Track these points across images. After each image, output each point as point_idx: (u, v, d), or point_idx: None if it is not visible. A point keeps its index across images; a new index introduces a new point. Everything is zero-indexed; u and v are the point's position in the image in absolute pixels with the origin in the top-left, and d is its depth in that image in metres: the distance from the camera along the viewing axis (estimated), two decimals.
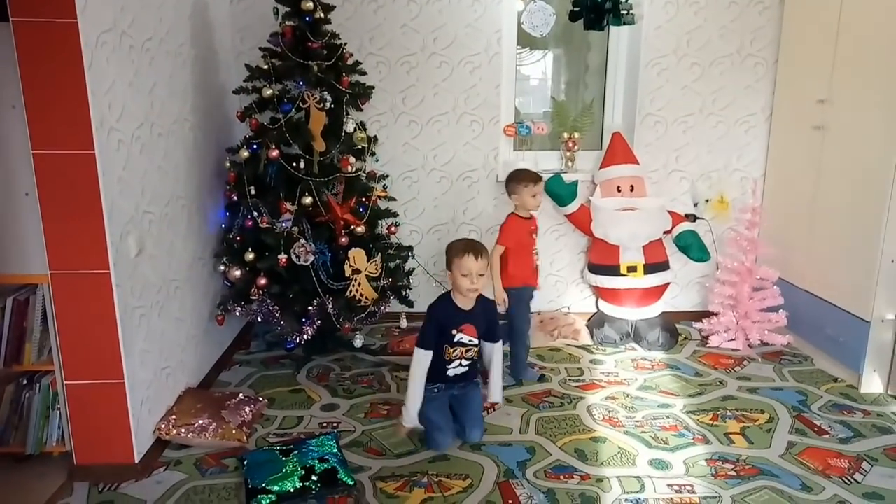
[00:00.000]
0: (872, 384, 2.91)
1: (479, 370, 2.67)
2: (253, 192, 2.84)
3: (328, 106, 2.84)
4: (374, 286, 2.95)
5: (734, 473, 2.32)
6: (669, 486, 2.25)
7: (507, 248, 2.98)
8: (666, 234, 3.48)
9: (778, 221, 3.50)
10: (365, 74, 3.14)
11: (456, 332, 2.44)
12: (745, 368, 3.20)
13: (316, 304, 2.83)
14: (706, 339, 3.53)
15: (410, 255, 3.33)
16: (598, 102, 3.82)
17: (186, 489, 2.23)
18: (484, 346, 2.59)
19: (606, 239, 3.42)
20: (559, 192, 3.46)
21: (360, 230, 2.93)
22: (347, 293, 2.88)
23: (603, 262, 3.49)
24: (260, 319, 2.94)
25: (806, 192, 3.27)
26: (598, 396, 2.91)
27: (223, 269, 2.96)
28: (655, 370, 3.19)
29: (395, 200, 3.38)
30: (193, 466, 2.36)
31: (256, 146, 2.85)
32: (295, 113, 2.80)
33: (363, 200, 3.04)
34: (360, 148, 3.02)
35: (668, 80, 3.56)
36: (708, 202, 3.69)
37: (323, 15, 2.89)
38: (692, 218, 3.60)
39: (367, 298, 2.92)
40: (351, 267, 2.87)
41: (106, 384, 2.20)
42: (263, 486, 2.16)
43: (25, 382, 2.29)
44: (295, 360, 3.25)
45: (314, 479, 2.20)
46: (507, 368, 2.97)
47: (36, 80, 1.97)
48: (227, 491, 2.22)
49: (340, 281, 2.88)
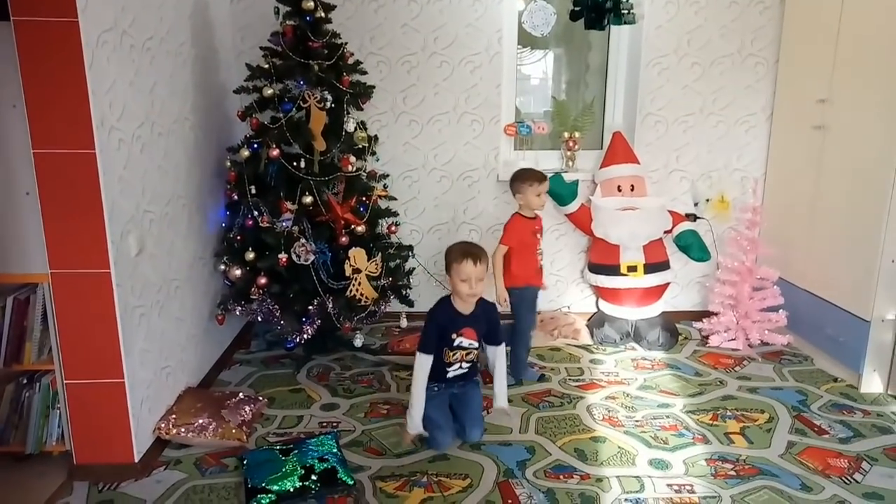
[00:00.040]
0: (872, 384, 2.91)
1: (479, 369, 2.67)
2: (253, 191, 2.85)
3: (329, 105, 2.84)
4: (374, 286, 2.95)
5: (734, 473, 2.32)
6: (669, 485, 2.25)
7: (510, 247, 2.98)
8: (666, 233, 3.48)
9: (778, 221, 3.50)
10: (365, 74, 3.14)
11: (456, 335, 2.43)
12: (745, 368, 3.20)
13: (316, 303, 2.83)
14: (706, 338, 3.53)
15: (411, 254, 3.33)
16: (598, 102, 3.82)
17: (186, 489, 2.23)
18: (487, 349, 2.58)
19: (607, 238, 3.42)
20: (560, 191, 3.46)
21: (360, 229, 2.93)
22: (348, 293, 2.88)
23: (603, 261, 3.49)
24: (260, 319, 2.95)
25: (806, 191, 3.27)
26: (598, 396, 2.91)
27: (223, 268, 2.96)
28: (655, 370, 3.19)
29: (395, 200, 3.39)
30: (193, 466, 2.36)
31: (257, 145, 2.85)
32: (295, 112, 2.80)
33: (363, 200, 3.05)
34: (360, 147, 3.03)
35: (668, 79, 3.56)
36: (708, 202, 3.69)
37: (324, 14, 2.89)
38: (692, 217, 3.60)
39: (367, 298, 2.92)
40: (351, 266, 2.87)
41: (106, 383, 2.20)
42: (263, 485, 2.16)
43: (25, 381, 2.29)
44: (295, 359, 3.25)
45: (314, 478, 2.20)
46: (507, 368, 2.96)
47: (37, 79, 1.98)
48: (226, 490, 2.22)
49: (341, 280, 2.89)
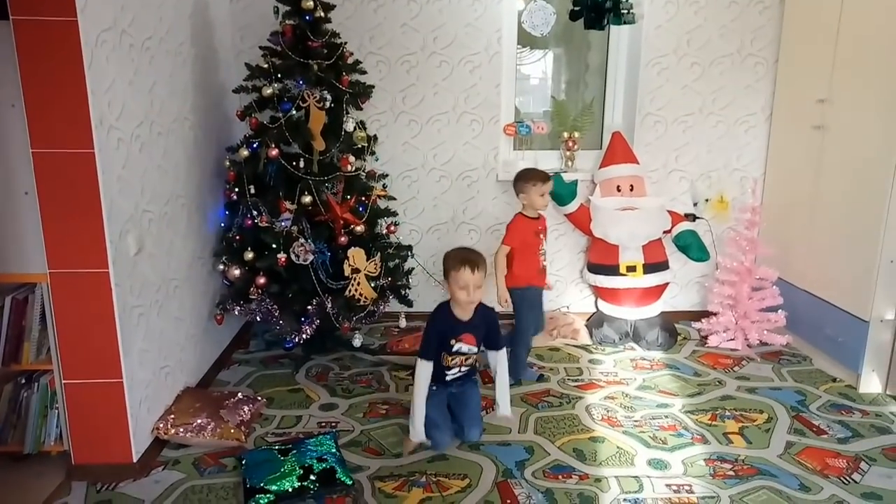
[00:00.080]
0: (871, 384, 2.91)
1: (477, 369, 2.66)
2: (252, 191, 2.85)
3: (328, 105, 2.84)
4: (373, 285, 2.95)
5: (732, 473, 2.32)
6: (668, 485, 2.25)
7: (512, 247, 2.98)
8: (665, 233, 3.48)
9: (777, 221, 3.50)
10: (365, 73, 3.14)
11: (455, 341, 2.41)
12: (743, 368, 3.20)
13: (315, 303, 2.83)
14: (705, 338, 3.53)
15: (410, 254, 3.34)
16: (598, 102, 3.81)
17: (185, 489, 2.23)
18: (487, 354, 2.55)
19: (606, 238, 3.42)
20: (559, 191, 3.45)
21: (359, 229, 2.93)
22: (346, 292, 2.88)
23: (602, 261, 3.49)
24: (259, 319, 2.95)
25: (805, 191, 3.27)
26: (596, 396, 2.91)
27: (222, 268, 2.96)
28: (654, 370, 3.19)
29: (394, 200, 3.39)
30: (192, 466, 2.36)
31: (256, 145, 2.85)
32: (295, 112, 2.80)
33: (363, 200, 3.04)
34: (359, 147, 3.03)
35: (668, 79, 3.56)
36: (707, 202, 3.70)
37: (323, 14, 2.89)
38: (692, 217, 3.60)
39: (366, 298, 2.92)
40: (350, 266, 2.87)
41: (104, 383, 2.20)
42: (262, 485, 2.16)
43: (24, 381, 2.29)
44: (294, 359, 3.24)
45: (312, 478, 2.20)
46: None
47: (35, 78, 1.97)
48: (225, 490, 2.22)
49: (339, 280, 2.89)
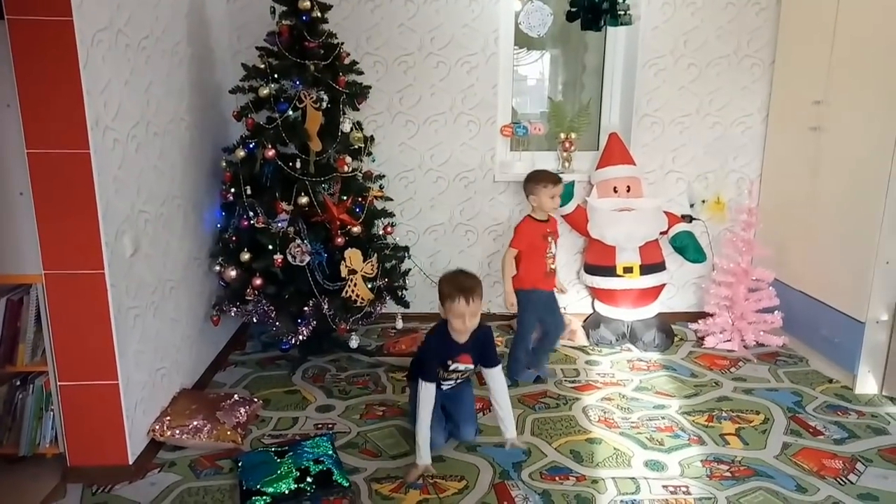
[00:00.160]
0: (867, 385, 2.92)
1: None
2: (249, 191, 2.84)
3: (325, 105, 2.84)
4: (370, 287, 2.94)
5: (729, 474, 2.32)
6: (665, 487, 2.25)
7: (519, 250, 2.98)
8: (662, 234, 3.48)
9: (774, 222, 3.51)
10: (362, 74, 3.14)
11: (452, 362, 2.40)
12: (740, 369, 3.21)
13: (312, 304, 2.82)
14: (702, 339, 3.53)
15: (407, 255, 3.33)
16: (594, 103, 3.82)
17: (181, 491, 2.22)
18: (483, 372, 2.47)
19: (603, 240, 3.42)
20: None
21: (356, 230, 2.92)
22: (343, 294, 2.87)
23: (599, 262, 3.50)
24: (255, 320, 2.94)
25: (802, 193, 3.28)
26: (593, 397, 2.91)
27: (219, 269, 2.94)
28: (651, 371, 3.19)
29: (391, 200, 3.38)
30: (188, 468, 2.35)
31: (253, 146, 2.84)
32: (291, 112, 2.79)
33: (359, 200, 3.04)
34: (356, 148, 3.02)
35: (664, 80, 3.56)
36: (704, 203, 3.70)
37: (320, 14, 2.89)
38: (688, 219, 3.61)
39: (363, 299, 2.92)
40: (347, 267, 2.86)
41: (100, 385, 2.19)
42: (258, 487, 2.15)
43: (19, 383, 2.27)
44: (290, 360, 3.24)
45: (309, 480, 2.19)
46: (504, 369, 2.95)
47: (31, 78, 1.96)
48: (221, 493, 2.21)
49: (336, 281, 2.88)
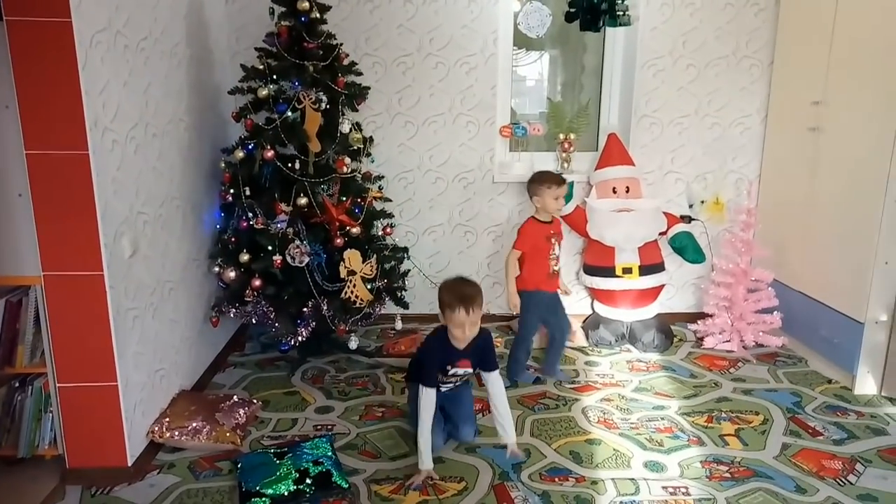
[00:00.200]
0: (866, 385, 2.92)
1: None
2: (248, 192, 2.83)
3: (324, 106, 2.83)
4: (369, 288, 2.94)
5: (729, 475, 2.32)
6: (664, 488, 2.25)
7: (523, 252, 2.98)
8: (661, 235, 3.49)
9: (773, 223, 3.51)
10: (361, 75, 3.14)
11: (451, 367, 2.40)
12: (739, 370, 3.21)
13: (311, 305, 2.82)
14: (701, 340, 3.53)
15: (406, 256, 3.33)
16: (593, 104, 3.82)
17: (180, 492, 2.22)
18: (482, 375, 2.46)
19: (602, 240, 3.42)
20: None
21: (355, 231, 2.92)
22: (342, 295, 2.87)
23: (598, 263, 3.50)
24: (254, 321, 2.94)
25: (801, 193, 3.28)
26: (593, 398, 2.91)
27: (218, 270, 2.94)
28: (650, 372, 3.19)
29: (390, 201, 3.38)
30: (187, 469, 2.35)
31: (252, 147, 2.83)
32: (290, 113, 2.79)
33: (359, 201, 3.03)
34: (355, 149, 3.02)
35: (663, 81, 3.57)
36: (703, 204, 3.70)
37: (319, 15, 2.89)
38: (687, 219, 3.61)
39: (362, 300, 2.91)
40: (346, 268, 2.86)
41: (99, 386, 2.19)
42: (257, 489, 2.15)
43: (18, 385, 2.27)
44: (289, 361, 3.23)
45: (308, 482, 2.19)
46: (503, 370, 2.96)
47: (29, 79, 1.96)
48: (220, 494, 2.21)
49: (335, 282, 2.88)
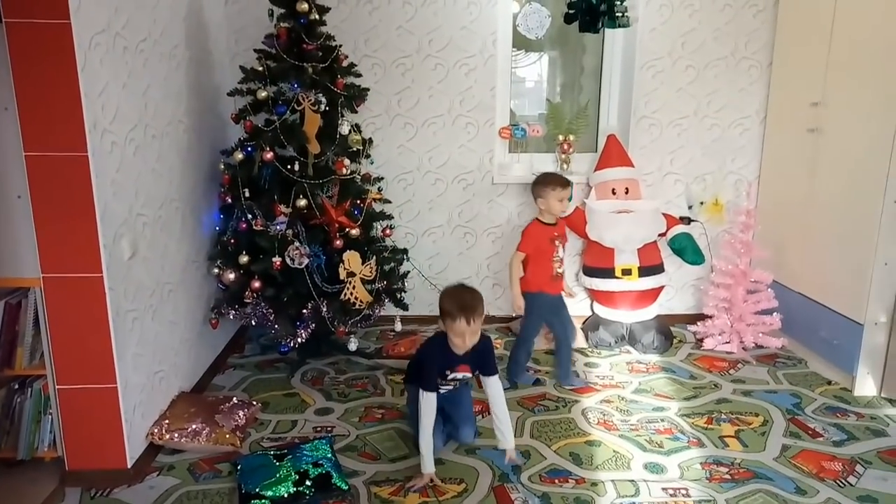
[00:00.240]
0: (866, 387, 2.92)
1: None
2: (247, 194, 2.83)
3: (323, 108, 2.83)
4: (368, 289, 2.94)
5: (728, 477, 2.32)
6: (664, 489, 2.25)
7: (527, 254, 2.98)
8: (661, 236, 3.49)
9: (772, 224, 3.51)
10: (360, 76, 3.14)
11: (450, 372, 2.39)
12: (739, 371, 3.21)
13: (310, 307, 2.82)
14: (701, 341, 3.53)
15: (405, 257, 3.33)
16: (593, 105, 3.82)
17: (179, 494, 2.22)
18: (481, 379, 2.45)
19: (601, 241, 3.42)
20: None
21: (354, 233, 2.92)
22: (342, 296, 2.87)
23: (598, 264, 3.50)
24: (254, 323, 2.94)
25: (800, 194, 3.28)
26: (592, 400, 2.91)
27: (217, 271, 2.94)
28: (650, 373, 3.19)
29: (389, 203, 3.37)
30: (187, 471, 2.35)
31: (251, 148, 2.84)
32: (290, 115, 2.79)
33: (358, 203, 3.03)
34: (354, 150, 3.02)
35: (662, 82, 3.57)
36: (702, 205, 3.70)
37: (318, 17, 2.89)
38: (687, 221, 3.61)
39: (361, 301, 2.91)
40: (345, 270, 2.86)
41: (98, 388, 2.18)
42: (257, 491, 2.14)
43: (17, 387, 2.27)
44: (289, 363, 3.23)
45: (308, 483, 2.19)
46: (503, 371, 2.97)
47: (29, 81, 1.96)
48: (220, 496, 2.21)
49: (335, 284, 2.88)
